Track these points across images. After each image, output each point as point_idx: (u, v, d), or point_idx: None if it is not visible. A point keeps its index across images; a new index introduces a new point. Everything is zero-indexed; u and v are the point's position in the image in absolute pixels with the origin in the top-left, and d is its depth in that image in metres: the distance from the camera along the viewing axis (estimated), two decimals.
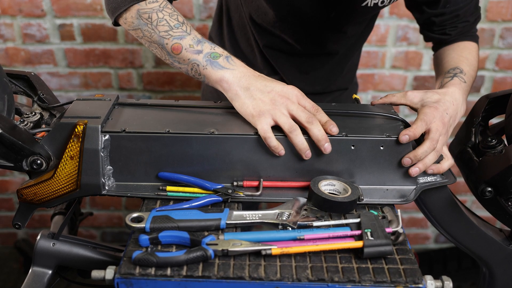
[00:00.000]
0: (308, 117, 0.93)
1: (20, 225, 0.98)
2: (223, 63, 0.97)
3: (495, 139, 0.96)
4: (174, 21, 1.00)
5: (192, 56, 0.98)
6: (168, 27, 1.00)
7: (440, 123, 0.99)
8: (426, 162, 0.95)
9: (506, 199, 0.93)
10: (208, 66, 0.97)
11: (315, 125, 0.92)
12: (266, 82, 0.96)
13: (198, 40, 0.99)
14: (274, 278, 0.77)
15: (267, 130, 0.92)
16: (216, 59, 0.97)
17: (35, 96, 1.09)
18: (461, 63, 1.20)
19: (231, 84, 0.96)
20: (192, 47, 0.98)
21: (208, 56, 0.97)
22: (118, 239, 2.48)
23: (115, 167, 0.95)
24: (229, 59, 0.98)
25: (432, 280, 0.80)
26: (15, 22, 2.00)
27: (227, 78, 0.96)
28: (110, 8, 1.04)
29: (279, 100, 0.94)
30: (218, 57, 0.97)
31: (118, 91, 2.15)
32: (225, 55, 0.98)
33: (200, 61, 0.97)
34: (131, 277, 0.77)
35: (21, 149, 0.88)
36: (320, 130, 0.92)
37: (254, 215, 0.88)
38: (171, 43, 0.99)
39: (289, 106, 0.94)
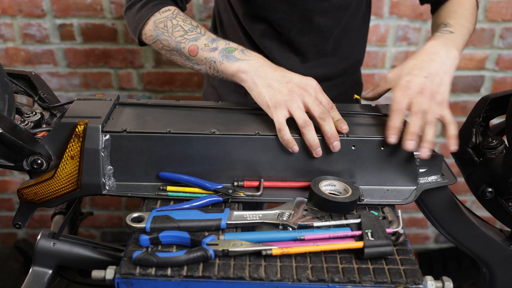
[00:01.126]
0: (322, 112, 0.93)
1: (21, 224, 0.98)
2: (238, 56, 0.98)
3: (496, 140, 0.96)
4: (188, 25, 1.04)
5: (208, 55, 1.00)
6: (183, 32, 1.03)
7: (419, 95, 0.94)
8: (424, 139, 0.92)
9: (507, 199, 0.93)
10: (224, 61, 0.98)
11: (328, 122, 0.92)
12: (284, 72, 0.96)
13: (212, 39, 1.01)
14: (275, 279, 0.77)
15: (282, 122, 0.92)
16: (231, 52, 0.99)
17: (36, 95, 1.09)
18: (448, 18, 1.13)
19: (248, 73, 0.96)
20: (208, 46, 1.00)
21: (223, 51, 0.99)
22: (118, 239, 2.48)
23: (116, 167, 0.95)
24: (245, 51, 0.99)
25: (433, 281, 0.80)
26: (15, 22, 2.00)
27: (244, 68, 0.97)
28: (132, 29, 1.10)
29: (296, 91, 0.94)
30: (233, 50, 0.99)
31: (118, 91, 2.15)
32: (241, 49, 1.00)
33: (216, 57, 0.99)
34: (131, 277, 0.77)
35: (21, 149, 0.88)
36: (332, 128, 0.92)
37: (254, 215, 0.88)
38: (187, 46, 1.02)
39: (305, 99, 0.94)
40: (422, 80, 0.96)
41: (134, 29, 1.10)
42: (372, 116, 1.03)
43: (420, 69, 0.98)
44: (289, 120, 0.94)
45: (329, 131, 0.92)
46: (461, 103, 2.16)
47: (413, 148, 0.91)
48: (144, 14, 1.07)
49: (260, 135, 0.93)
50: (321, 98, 0.96)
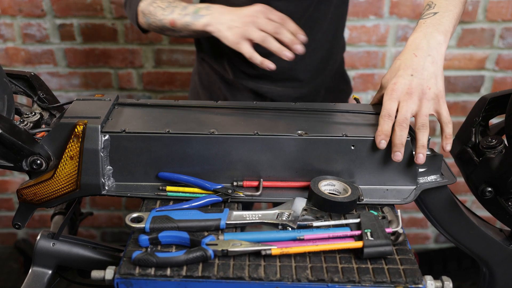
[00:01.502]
0: (275, 28, 1.09)
1: (20, 225, 0.98)
2: (203, 12, 1.16)
3: (495, 139, 0.96)
4: (165, 3, 1.23)
5: (183, 20, 1.18)
6: (162, 10, 1.22)
7: (407, 96, 0.92)
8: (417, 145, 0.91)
9: (506, 199, 0.93)
10: (195, 21, 1.16)
11: (283, 33, 1.09)
12: (238, 11, 1.13)
13: (184, 7, 1.20)
14: (274, 278, 0.77)
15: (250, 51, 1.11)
16: (198, 12, 1.17)
17: (35, 96, 1.09)
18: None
19: (212, 25, 1.14)
20: (181, 14, 1.18)
21: (192, 13, 1.17)
22: (118, 239, 2.48)
23: (115, 167, 0.95)
24: (209, 7, 1.17)
25: (432, 280, 0.80)
26: (15, 22, 2.00)
27: (208, 21, 1.14)
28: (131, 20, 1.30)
29: (248, 20, 1.10)
30: (199, 10, 1.17)
31: (118, 91, 2.15)
32: (206, 6, 1.18)
33: (189, 20, 1.17)
34: (130, 277, 0.77)
35: (20, 149, 0.88)
36: (289, 36, 1.10)
37: (254, 215, 0.88)
38: (168, 21, 1.20)
39: (257, 23, 1.09)
40: (409, 80, 0.94)
41: (132, 20, 1.29)
42: (371, 115, 1.03)
43: (404, 68, 0.95)
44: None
45: (286, 40, 1.09)
46: (461, 103, 2.16)
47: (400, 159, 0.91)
48: (133, 7, 1.26)
49: (259, 135, 0.93)
50: (272, 16, 1.11)
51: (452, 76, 2.12)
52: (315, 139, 0.94)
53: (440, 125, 0.95)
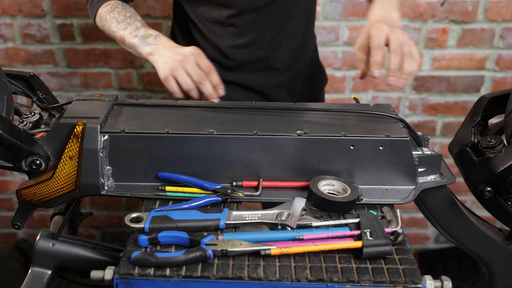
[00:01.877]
0: (199, 77, 1.14)
1: (20, 225, 0.98)
2: (150, 41, 1.21)
3: (495, 139, 0.96)
4: (121, 17, 1.28)
5: (131, 41, 1.23)
6: (117, 23, 1.27)
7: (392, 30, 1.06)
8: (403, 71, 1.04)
9: (506, 198, 0.92)
10: (141, 45, 1.22)
11: (205, 84, 1.15)
12: (178, 49, 1.18)
13: (136, 27, 1.25)
14: (273, 278, 0.77)
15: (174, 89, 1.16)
16: (146, 38, 1.22)
17: (34, 96, 1.09)
18: None
19: (153, 55, 1.20)
20: (131, 34, 1.24)
21: (141, 38, 1.22)
22: (118, 239, 2.48)
23: (114, 167, 0.95)
24: (158, 37, 1.22)
25: (432, 280, 0.80)
26: (15, 22, 2.00)
27: (151, 51, 1.20)
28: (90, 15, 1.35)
29: (179, 61, 1.15)
30: (148, 37, 1.22)
31: (118, 91, 2.15)
32: (155, 35, 1.23)
33: (136, 43, 1.23)
34: (130, 277, 0.77)
35: (20, 150, 0.88)
36: (209, 89, 1.15)
37: (253, 215, 0.88)
38: (118, 35, 1.26)
39: (185, 66, 1.14)
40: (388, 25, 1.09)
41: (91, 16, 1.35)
42: (370, 115, 1.03)
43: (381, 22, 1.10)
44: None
45: (205, 92, 1.15)
46: (461, 103, 2.16)
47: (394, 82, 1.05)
48: (93, 8, 1.33)
49: (258, 135, 0.93)
50: (201, 63, 1.15)
51: (452, 76, 2.12)
52: (314, 139, 0.94)
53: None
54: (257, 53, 1.41)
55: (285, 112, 1.05)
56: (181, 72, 1.14)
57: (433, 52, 2.07)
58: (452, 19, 2.00)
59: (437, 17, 2.00)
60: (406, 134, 0.95)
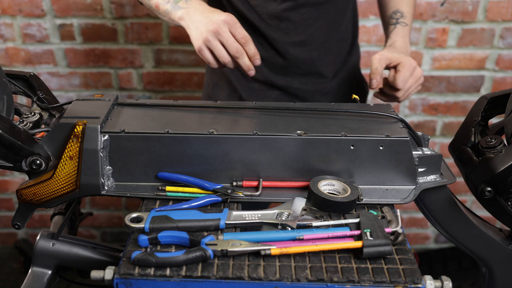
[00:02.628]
0: (235, 51, 1.10)
1: (20, 225, 0.98)
2: (181, 4, 1.17)
3: (495, 139, 0.96)
4: None
5: (165, 7, 1.19)
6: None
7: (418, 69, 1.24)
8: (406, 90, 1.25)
9: (506, 198, 0.92)
10: (173, 10, 1.18)
11: (242, 58, 1.12)
12: (209, 14, 1.12)
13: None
14: (274, 278, 0.77)
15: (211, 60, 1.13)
16: (177, 2, 1.18)
17: (35, 96, 1.09)
18: (400, 4, 1.41)
19: (185, 20, 1.15)
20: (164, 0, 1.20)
21: (173, 2, 1.18)
22: (118, 239, 2.48)
23: (115, 167, 0.95)
24: (188, 0, 1.17)
25: (432, 280, 0.80)
26: (15, 22, 2.00)
27: (182, 15, 1.16)
28: None
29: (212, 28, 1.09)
30: (179, 1, 1.18)
31: (118, 91, 2.15)
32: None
33: (169, 8, 1.18)
34: (130, 277, 0.77)
35: (20, 149, 0.88)
36: (246, 62, 1.12)
37: (253, 215, 0.88)
38: (153, 2, 1.23)
39: (220, 35, 1.10)
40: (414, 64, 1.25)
41: None
42: (370, 115, 1.03)
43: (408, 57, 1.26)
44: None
45: (243, 65, 1.13)
46: (461, 103, 2.16)
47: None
48: None
49: (258, 135, 0.93)
50: (236, 32, 1.11)
51: (452, 76, 2.12)
52: (314, 139, 0.94)
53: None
54: (311, 53, 1.40)
55: (285, 112, 1.05)
56: (216, 44, 1.10)
57: (433, 52, 2.07)
58: (452, 19, 2.00)
59: (437, 17, 2.00)
60: (406, 134, 0.95)
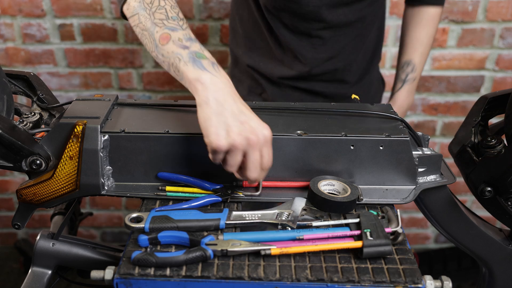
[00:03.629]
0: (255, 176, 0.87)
1: (20, 225, 0.98)
2: (206, 65, 0.87)
3: (495, 139, 0.96)
4: (173, 13, 0.94)
5: (177, 50, 0.89)
6: (165, 16, 0.94)
7: None
8: None
9: (506, 198, 0.92)
10: (190, 63, 0.87)
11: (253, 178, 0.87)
12: (243, 108, 0.86)
13: (189, 37, 0.91)
14: (274, 278, 0.77)
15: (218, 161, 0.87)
16: (200, 58, 0.88)
17: (35, 96, 1.09)
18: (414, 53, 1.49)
19: (207, 89, 0.84)
20: (181, 41, 0.90)
21: (193, 54, 0.88)
22: (118, 239, 2.48)
23: (115, 167, 0.95)
24: (215, 65, 0.88)
25: (432, 280, 0.80)
26: (15, 22, 2.00)
27: (205, 80, 0.85)
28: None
29: (244, 140, 0.83)
30: (203, 58, 0.88)
31: (118, 91, 2.15)
32: (212, 61, 0.89)
33: (184, 56, 0.88)
34: (130, 277, 0.77)
35: (20, 149, 0.88)
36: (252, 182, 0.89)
37: (253, 215, 0.88)
38: (161, 31, 0.92)
39: (250, 151, 0.84)
40: None
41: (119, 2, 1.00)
42: (370, 115, 1.03)
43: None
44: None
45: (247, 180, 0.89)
46: (461, 103, 2.16)
47: None
48: None
49: None
50: (264, 153, 0.86)
51: (452, 76, 2.12)
52: (314, 139, 0.94)
53: None
54: (336, 65, 1.40)
55: (285, 112, 1.05)
56: (238, 155, 0.84)
57: (433, 52, 2.07)
58: (452, 19, 2.00)
59: None
60: (406, 134, 0.95)
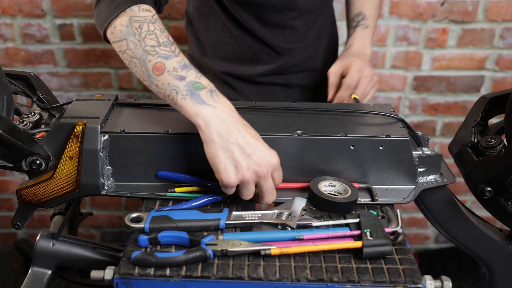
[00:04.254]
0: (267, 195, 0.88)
1: (20, 225, 0.98)
2: (205, 97, 0.85)
3: (495, 139, 0.96)
4: (164, 38, 0.90)
5: (173, 81, 0.86)
6: (156, 43, 0.89)
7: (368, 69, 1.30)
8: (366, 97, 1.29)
9: (506, 198, 0.92)
10: (188, 97, 0.85)
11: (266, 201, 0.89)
12: (249, 138, 0.84)
13: (184, 64, 0.88)
14: (273, 278, 0.77)
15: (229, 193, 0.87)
16: (198, 90, 0.85)
17: (35, 96, 1.09)
18: (363, 6, 1.42)
19: (209, 125, 0.83)
20: (176, 71, 0.87)
21: (190, 85, 0.86)
22: (118, 239, 2.48)
23: (115, 167, 0.95)
24: (214, 93, 0.86)
25: (432, 280, 0.80)
26: (15, 22, 2.00)
27: (206, 116, 0.83)
28: (102, 18, 0.96)
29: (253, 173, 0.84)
30: (201, 88, 0.85)
31: (118, 91, 2.15)
32: (210, 88, 0.86)
33: (181, 88, 0.85)
34: (130, 277, 0.77)
35: (20, 150, 0.88)
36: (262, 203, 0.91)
37: (253, 215, 0.88)
38: (154, 61, 0.88)
39: (259, 182, 0.86)
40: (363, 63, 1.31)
41: (105, 17, 0.94)
42: (370, 115, 1.03)
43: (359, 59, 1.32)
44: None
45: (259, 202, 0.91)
46: (461, 103, 2.16)
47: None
48: (122, 3, 0.92)
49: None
50: (275, 176, 0.88)
51: (452, 76, 2.12)
52: (314, 139, 0.94)
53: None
54: (308, 53, 1.43)
55: (285, 112, 1.05)
56: (251, 187, 0.85)
57: (433, 52, 2.07)
58: (452, 19, 2.00)
59: (437, 17, 2.00)
60: (406, 134, 0.95)
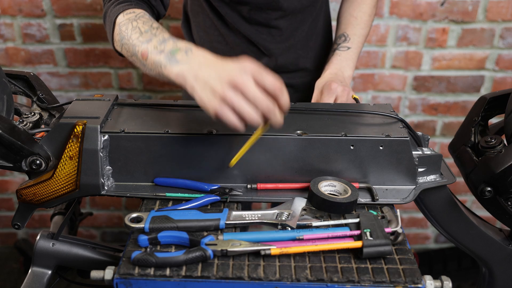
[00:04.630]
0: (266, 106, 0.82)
1: (20, 225, 0.98)
2: (180, 58, 0.90)
3: (495, 139, 0.96)
4: (146, 27, 0.97)
5: (155, 58, 0.92)
6: (139, 33, 0.97)
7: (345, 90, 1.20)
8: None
9: (506, 198, 0.92)
10: (168, 64, 0.90)
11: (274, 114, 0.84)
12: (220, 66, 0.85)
13: (163, 39, 0.94)
14: (273, 278, 0.77)
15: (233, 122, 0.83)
16: (174, 54, 0.90)
17: (35, 96, 1.09)
18: (347, 28, 1.36)
19: (186, 78, 0.87)
20: (156, 48, 0.93)
21: (168, 54, 0.91)
22: (118, 239, 2.48)
23: (114, 167, 0.95)
24: (189, 52, 0.90)
25: (431, 280, 0.80)
26: (15, 22, 2.00)
27: (182, 73, 0.88)
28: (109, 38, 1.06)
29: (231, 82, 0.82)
30: (177, 51, 0.90)
31: (118, 91, 2.15)
32: (186, 49, 0.91)
33: (162, 61, 0.91)
34: (130, 277, 0.77)
35: (20, 150, 0.88)
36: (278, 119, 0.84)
37: (253, 215, 0.88)
38: (140, 50, 0.95)
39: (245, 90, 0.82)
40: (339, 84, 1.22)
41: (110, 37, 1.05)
42: (370, 115, 1.03)
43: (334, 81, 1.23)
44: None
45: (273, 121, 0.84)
46: (461, 103, 2.16)
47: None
48: (111, 16, 1.03)
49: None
50: (264, 81, 0.83)
51: (452, 76, 2.12)
52: (314, 139, 0.94)
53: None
54: (297, 53, 1.43)
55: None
56: (239, 101, 0.81)
57: (433, 52, 2.07)
58: (452, 19, 2.00)
59: (437, 17, 2.00)
60: (406, 134, 0.95)
